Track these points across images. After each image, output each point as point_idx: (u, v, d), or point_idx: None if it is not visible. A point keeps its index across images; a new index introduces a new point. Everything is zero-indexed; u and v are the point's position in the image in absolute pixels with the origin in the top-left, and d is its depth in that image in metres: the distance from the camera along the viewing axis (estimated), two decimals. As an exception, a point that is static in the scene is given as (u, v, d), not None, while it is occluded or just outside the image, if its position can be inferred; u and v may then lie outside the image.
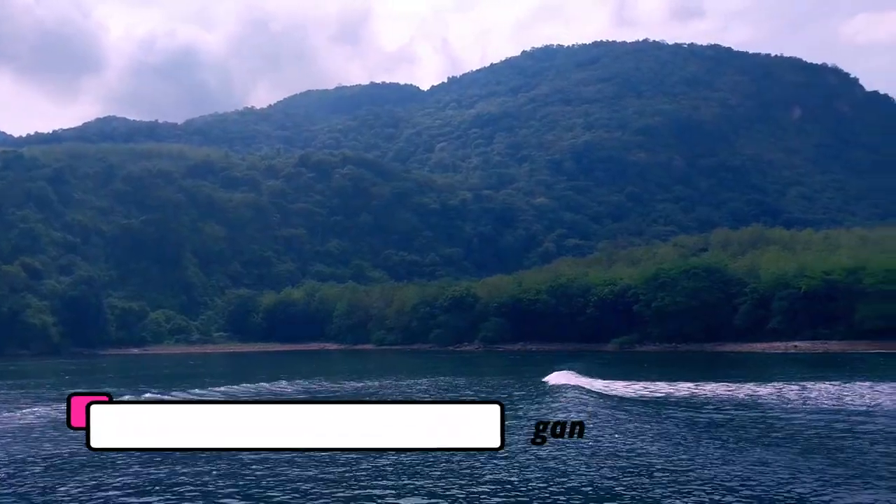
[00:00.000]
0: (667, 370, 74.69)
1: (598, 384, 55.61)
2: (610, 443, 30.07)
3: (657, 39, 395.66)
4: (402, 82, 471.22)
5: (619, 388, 53.54)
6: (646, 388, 53.27)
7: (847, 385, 49.93)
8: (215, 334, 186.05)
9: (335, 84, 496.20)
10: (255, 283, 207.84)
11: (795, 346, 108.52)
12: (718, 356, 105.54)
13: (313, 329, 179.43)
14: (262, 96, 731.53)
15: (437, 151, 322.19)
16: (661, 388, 52.64)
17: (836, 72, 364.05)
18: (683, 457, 27.24)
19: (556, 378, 61.63)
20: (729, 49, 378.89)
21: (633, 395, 49.83)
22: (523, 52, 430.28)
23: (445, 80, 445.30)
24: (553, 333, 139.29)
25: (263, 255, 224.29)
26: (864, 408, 39.31)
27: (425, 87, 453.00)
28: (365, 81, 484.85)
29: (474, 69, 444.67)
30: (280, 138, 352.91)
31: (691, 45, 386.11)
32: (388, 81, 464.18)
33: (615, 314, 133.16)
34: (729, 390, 50.26)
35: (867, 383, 50.60)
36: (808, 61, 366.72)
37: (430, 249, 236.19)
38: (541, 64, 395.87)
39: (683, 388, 52.02)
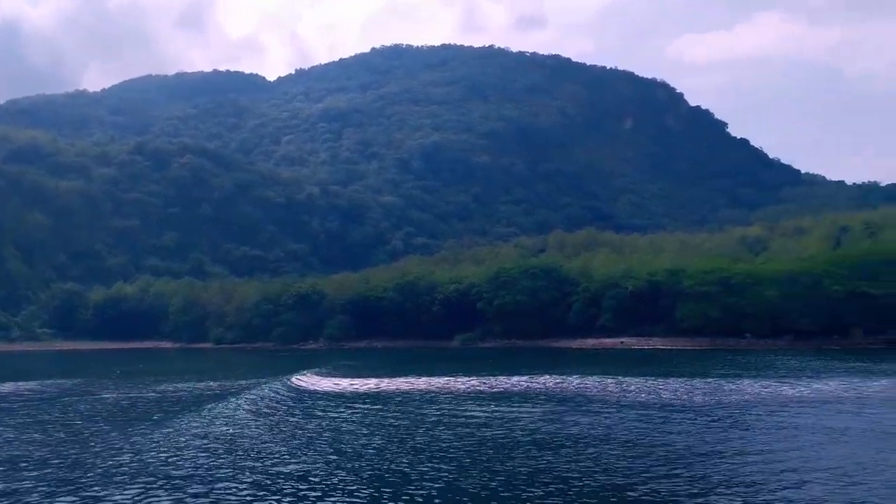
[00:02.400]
0: (473, 365, 77.75)
1: (326, 382, 58.52)
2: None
3: (502, 46, 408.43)
4: (247, 72, 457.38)
5: (348, 385, 57.05)
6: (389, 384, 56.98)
7: (663, 380, 54.07)
8: (39, 331, 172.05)
9: (176, 70, 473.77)
10: (84, 277, 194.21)
11: (623, 342, 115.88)
12: (553, 351, 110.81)
13: (147, 326, 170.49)
14: (96, 79, 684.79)
15: (283, 144, 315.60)
16: (417, 384, 56.30)
17: (665, 87, 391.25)
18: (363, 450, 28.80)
19: (299, 377, 63.13)
20: (568, 60, 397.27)
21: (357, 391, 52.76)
22: (373, 48, 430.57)
23: (293, 72, 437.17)
24: (399, 331, 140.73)
25: (93, 248, 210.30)
26: (679, 402, 42.68)
27: (272, 78, 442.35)
28: (208, 69, 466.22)
29: (323, 63, 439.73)
30: (114, 124, 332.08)
31: (534, 53, 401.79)
32: (232, 70, 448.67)
33: (460, 312, 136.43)
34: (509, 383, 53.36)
35: (682, 378, 55.17)
36: (640, 76, 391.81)
37: (274, 245, 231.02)
38: (390, 62, 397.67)
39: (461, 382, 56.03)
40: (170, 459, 27.48)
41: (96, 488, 23.12)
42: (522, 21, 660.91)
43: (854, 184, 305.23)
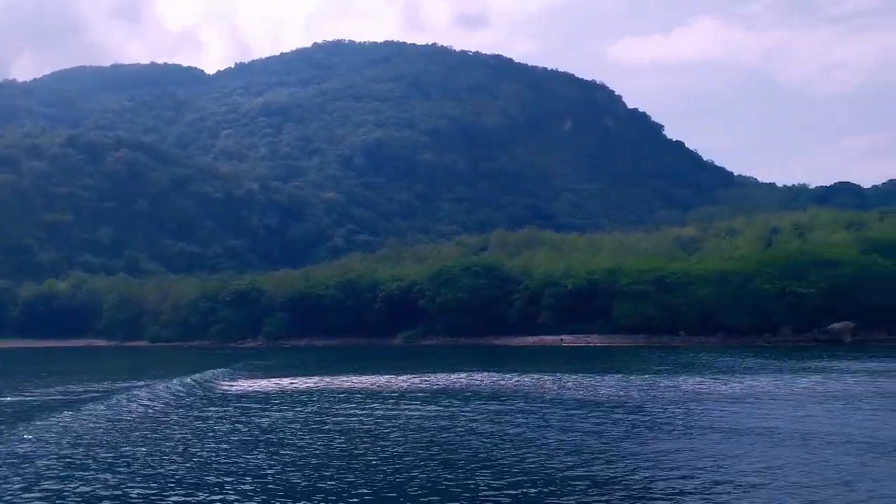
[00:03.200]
0: (402, 363, 78.33)
1: (246, 383, 58.25)
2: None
3: (445, 45, 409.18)
4: (185, 64, 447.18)
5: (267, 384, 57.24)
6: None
7: (600, 377, 55.37)
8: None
9: (111, 61, 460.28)
10: (13, 273, 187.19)
11: (562, 340, 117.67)
12: (494, 349, 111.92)
13: (80, 324, 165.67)
14: (27, 69, 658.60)
15: (222, 139, 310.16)
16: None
17: (604, 89, 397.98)
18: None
19: (196, 376, 62.91)
20: (510, 60, 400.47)
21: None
22: (315, 44, 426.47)
23: (233, 66, 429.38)
24: (341, 329, 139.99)
25: (23, 243, 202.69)
26: (615, 398, 43.81)
27: (211, 71, 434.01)
28: (145, 61, 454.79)
29: (264, 57, 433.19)
30: (45, 116, 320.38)
31: (476, 53, 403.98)
32: (170, 63, 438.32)
33: (402, 309, 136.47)
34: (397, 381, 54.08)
35: (618, 375, 56.59)
36: (580, 77, 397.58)
37: (212, 241, 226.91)
38: (332, 58, 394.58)
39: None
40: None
41: None
42: (465, 20, 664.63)
43: (784, 186, 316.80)
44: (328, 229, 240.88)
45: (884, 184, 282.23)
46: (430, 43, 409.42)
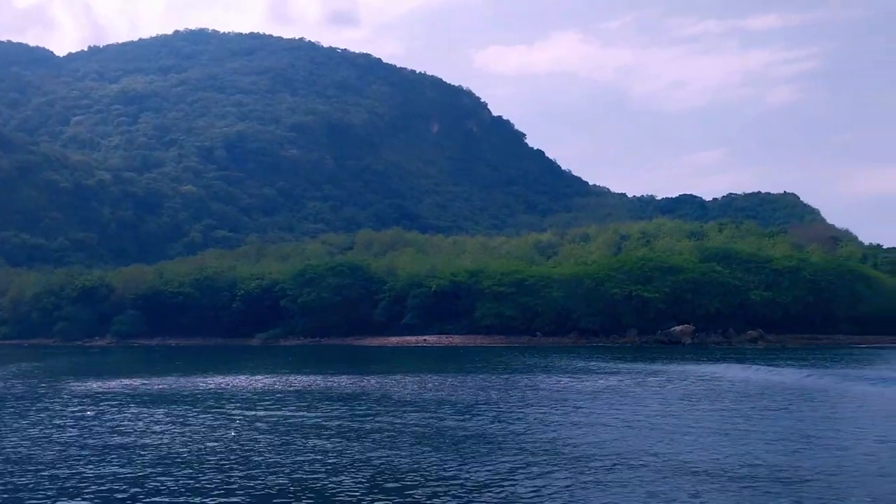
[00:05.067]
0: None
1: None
2: None
3: (313, 40, 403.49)
4: (33, 44, 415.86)
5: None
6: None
7: (462, 377, 56.95)
8: None
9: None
10: None
11: (425, 340, 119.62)
12: (358, 349, 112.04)
13: None
14: None
15: (72, 125, 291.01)
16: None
17: (470, 94, 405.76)
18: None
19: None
20: (379, 60, 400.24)
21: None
22: (176, 31, 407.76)
23: (86, 49, 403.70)
24: (196, 328, 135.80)
25: None
26: (473, 399, 45.08)
27: (62, 53, 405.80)
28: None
29: (121, 42, 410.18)
30: None
31: (345, 50, 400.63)
32: (15, 41, 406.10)
33: (262, 309, 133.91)
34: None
35: (481, 375, 58.42)
36: (448, 82, 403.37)
37: (58, 233, 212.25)
38: (194, 47, 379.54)
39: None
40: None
41: None
42: (334, 17, 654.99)
43: (634, 196, 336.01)
44: (185, 224, 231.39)
45: (723, 197, 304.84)
46: (297, 37, 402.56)
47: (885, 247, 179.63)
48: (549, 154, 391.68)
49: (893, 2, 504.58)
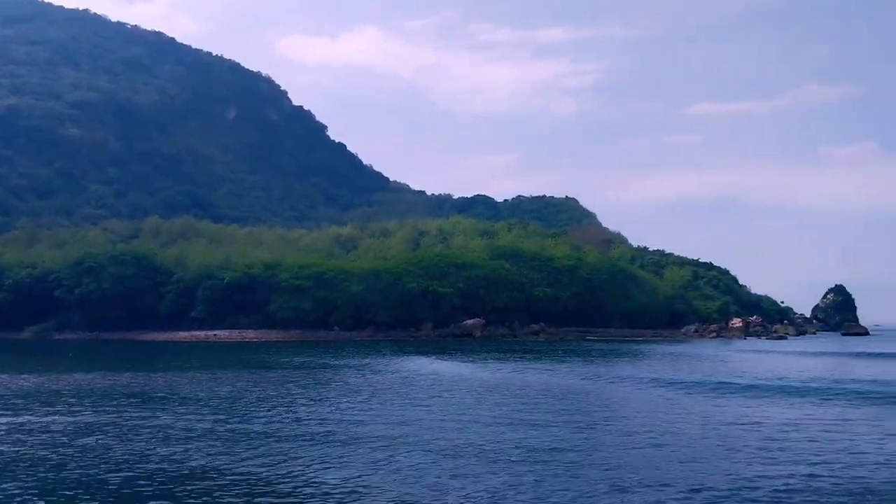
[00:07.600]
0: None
1: None
2: None
3: (99, 13, 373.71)
4: None
5: None
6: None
7: (259, 373, 55.92)
8: None
9: None
10: None
11: (216, 335, 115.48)
12: (142, 345, 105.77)
13: None
14: None
15: None
16: None
17: (269, 82, 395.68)
18: None
19: None
20: (172, 39, 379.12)
21: None
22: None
23: None
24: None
25: None
26: (254, 399, 44.68)
27: None
28: None
29: None
30: None
31: (135, 27, 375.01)
32: None
33: (33, 300, 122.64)
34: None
35: (280, 371, 57.59)
36: (246, 67, 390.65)
37: None
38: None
39: None
40: None
41: None
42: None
43: (432, 194, 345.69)
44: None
45: (513, 198, 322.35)
46: (81, 8, 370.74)
47: (650, 249, 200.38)
48: (351, 148, 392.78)
49: (670, 23, 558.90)
